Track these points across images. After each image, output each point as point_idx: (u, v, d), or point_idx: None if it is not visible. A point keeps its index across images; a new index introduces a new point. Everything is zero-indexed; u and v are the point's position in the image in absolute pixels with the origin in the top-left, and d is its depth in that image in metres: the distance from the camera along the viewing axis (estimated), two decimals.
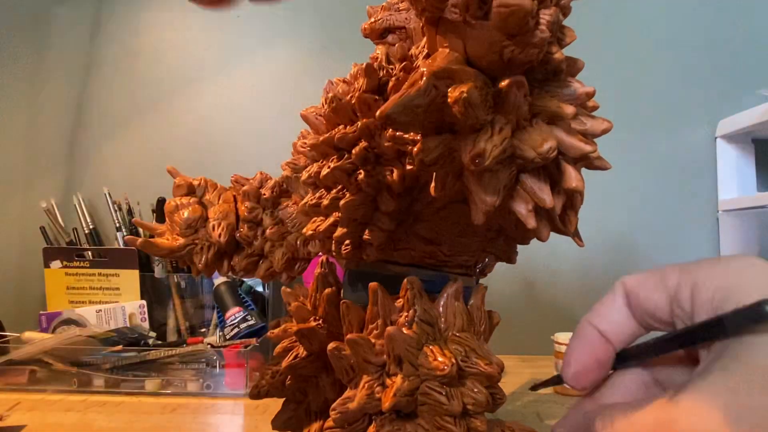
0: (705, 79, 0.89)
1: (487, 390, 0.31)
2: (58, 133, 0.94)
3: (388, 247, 0.34)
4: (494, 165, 0.24)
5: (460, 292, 0.33)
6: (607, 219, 0.89)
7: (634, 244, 0.88)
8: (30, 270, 0.90)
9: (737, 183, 0.85)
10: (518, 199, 0.26)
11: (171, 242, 0.39)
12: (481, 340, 0.33)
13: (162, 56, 0.94)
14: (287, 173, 0.41)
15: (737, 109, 0.82)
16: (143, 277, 0.80)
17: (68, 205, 0.89)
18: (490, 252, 0.36)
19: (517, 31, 0.22)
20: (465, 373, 0.31)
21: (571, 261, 0.88)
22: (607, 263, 0.88)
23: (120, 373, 0.64)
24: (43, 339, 0.67)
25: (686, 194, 0.88)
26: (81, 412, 0.56)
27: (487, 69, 0.24)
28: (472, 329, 0.33)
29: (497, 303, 0.86)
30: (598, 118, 0.28)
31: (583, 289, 0.88)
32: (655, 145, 0.89)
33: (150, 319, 0.79)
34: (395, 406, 0.29)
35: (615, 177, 0.90)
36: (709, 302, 0.20)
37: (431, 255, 0.34)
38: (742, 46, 0.89)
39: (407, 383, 0.29)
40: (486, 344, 0.34)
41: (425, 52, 0.29)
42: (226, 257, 0.39)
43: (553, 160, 0.26)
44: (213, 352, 0.64)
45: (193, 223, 0.38)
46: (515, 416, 0.57)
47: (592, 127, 0.29)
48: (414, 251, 0.34)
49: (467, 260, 0.35)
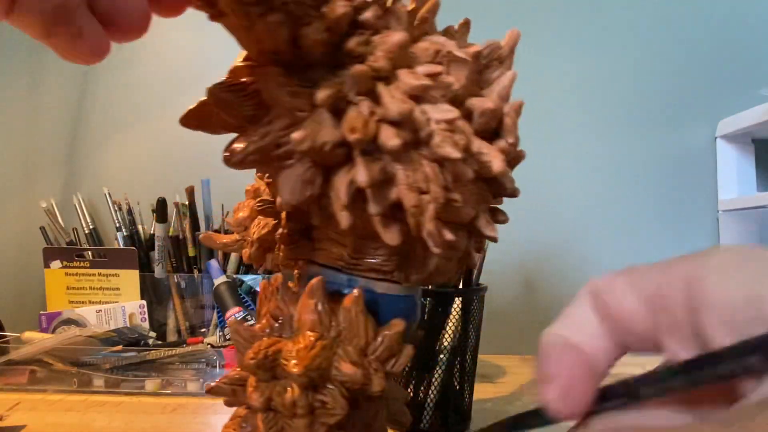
0: (705, 79, 0.89)
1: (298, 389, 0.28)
2: (58, 133, 0.94)
3: (308, 247, 0.34)
4: (259, 159, 0.25)
5: (316, 291, 0.30)
6: (607, 219, 0.89)
7: (635, 243, 0.88)
8: (30, 270, 0.90)
9: (737, 183, 0.85)
10: (332, 198, 0.25)
11: (228, 238, 0.44)
12: (334, 343, 0.30)
13: (163, 56, 0.94)
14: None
15: (737, 109, 0.82)
16: (143, 277, 0.80)
17: (68, 205, 0.89)
18: (402, 256, 0.32)
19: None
20: (277, 370, 0.29)
21: (571, 261, 0.88)
22: (607, 263, 0.88)
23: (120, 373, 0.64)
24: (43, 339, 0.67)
25: (686, 194, 0.88)
26: (81, 412, 0.56)
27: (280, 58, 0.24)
28: (325, 331, 0.30)
29: (498, 303, 0.87)
30: (396, 98, 0.25)
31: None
32: (655, 145, 0.89)
33: (150, 319, 0.79)
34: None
35: (615, 177, 0.90)
36: (729, 308, 0.14)
37: (339, 257, 0.32)
38: (742, 46, 0.89)
39: (238, 375, 0.31)
40: (351, 347, 0.29)
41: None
42: (269, 252, 0.42)
43: (348, 153, 0.25)
44: (213, 352, 0.65)
45: (243, 222, 0.42)
46: None
47: (389, 111, 0.24)
48: (328, 252, 0.33)
49: (382, 264, 0.32)
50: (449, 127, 0.25)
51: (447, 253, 0.31)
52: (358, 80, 0.25)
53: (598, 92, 0.89)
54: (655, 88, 0.89)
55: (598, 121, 0.89)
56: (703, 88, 0.89)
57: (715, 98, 0.89)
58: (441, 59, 0.27)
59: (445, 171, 0.26)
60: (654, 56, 0.89)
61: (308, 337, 0.28)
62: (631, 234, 0.88)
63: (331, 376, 0.28)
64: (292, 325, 0.31)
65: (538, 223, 0.89)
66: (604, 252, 0.88)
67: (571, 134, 0.89)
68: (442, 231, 0.26)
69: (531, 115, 0.99)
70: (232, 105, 0.27)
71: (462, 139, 0.26)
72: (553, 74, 0.90)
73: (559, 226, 0.89)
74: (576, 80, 0.89)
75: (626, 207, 0.89)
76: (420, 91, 0.25)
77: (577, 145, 0.89)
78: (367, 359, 0.29)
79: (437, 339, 0.52)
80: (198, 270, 0.82)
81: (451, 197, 0.26)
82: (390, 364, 0.30)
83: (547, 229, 0.89)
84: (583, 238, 0.89)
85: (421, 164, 0.25)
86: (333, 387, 0.28)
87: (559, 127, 0.90)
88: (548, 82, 0.90)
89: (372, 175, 0.24)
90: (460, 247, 0.30)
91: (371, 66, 0.25)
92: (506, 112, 0.30)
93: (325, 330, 0.29)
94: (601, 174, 0.89)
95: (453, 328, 0.52)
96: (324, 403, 0.28)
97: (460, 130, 0.26)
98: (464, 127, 0.26)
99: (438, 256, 0.31)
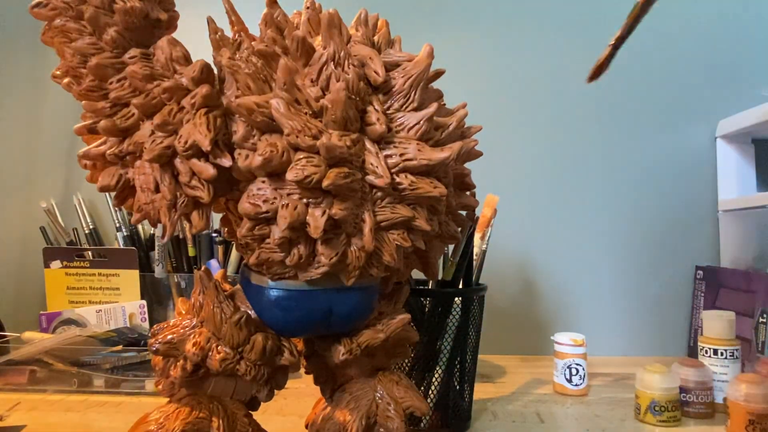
0: (705, 79, 0.89)
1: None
2: (58, 133, 0.94)
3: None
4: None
5: (195, 283, 0.39)
6: (607, 219, 0.89)
7: (635, 244, 0.88)
8: (30, 270, 0.90)
9: (737, 183, 0.85)
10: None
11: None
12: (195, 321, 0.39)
13: None
14: None
15: (737, 109, 0.82)
16: (143, 277, 0.80)
17: (68, 205, 0.89)
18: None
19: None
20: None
21: (571, 261, 0.88)
22: (607, 263, 0.88)
23: (120, 373, 0.64)
24: (43, 339, 0.67)
25: (686, 194, 0.88)
26: (81, 412, 0.56)
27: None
28: (195, 314, 0.39)
29: (498, 303, 0.87)
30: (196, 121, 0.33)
31: (583, 289, 0.88)
32: (655, 145, 0.89)
33: (150, 319, 0.79)
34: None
35: (615, 177, 0.90)
36: None
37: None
38: (742, 46, 0.89)
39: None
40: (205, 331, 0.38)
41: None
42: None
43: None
44: None
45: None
46: (515, 416, 0.57)
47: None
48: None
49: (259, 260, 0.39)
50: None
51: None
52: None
53: (598, 92, 0.89)
54: (655, 88, 0.89)
55: (599, 121, 0.89)
56: (703, 88, 0.89)
57: (715, 98, 0.89)
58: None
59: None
60: (654, 56, 0.89)
61: (177, 319, 0.39)
62: (632, 233, 0.88)
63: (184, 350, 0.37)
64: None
65: (538, 223, 0.89)
66: (604, 252, 0.88)
67: (571, 134, 0.89)
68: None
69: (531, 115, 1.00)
70: None
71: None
72: (553, 74, 0.90)
73: (559, 226, 0.89)
74: (576, 80, 0.89)
75: (626, 206, 0.89)
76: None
77: (577, 145, 0.89)
78: (216, 343, 0.37)
79: (437, 339, 0.52)
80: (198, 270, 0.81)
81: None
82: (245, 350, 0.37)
83: (547, 229, 0.89)
84: (583, 238, 0.88)
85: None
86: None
87: (559, 127, 0.90)
88: (548, 82, 0.90)
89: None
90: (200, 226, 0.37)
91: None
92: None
93: (196, 315, 0.38)
94: (601, 174, 0.88)
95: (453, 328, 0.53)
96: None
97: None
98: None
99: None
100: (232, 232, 0.40)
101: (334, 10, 0.34)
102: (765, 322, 0.67)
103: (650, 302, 0.88)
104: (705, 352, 0.59)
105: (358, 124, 0.33)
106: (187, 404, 0.38)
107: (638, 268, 0.88)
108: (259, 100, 0.32)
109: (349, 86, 0.33)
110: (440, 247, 0.42)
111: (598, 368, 0.76)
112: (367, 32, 0.37)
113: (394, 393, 0.40)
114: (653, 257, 0.88)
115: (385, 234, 0.35)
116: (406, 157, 0.34)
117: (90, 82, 0.33)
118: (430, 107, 0.34)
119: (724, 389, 0.57)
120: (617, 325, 0.88)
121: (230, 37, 0.37)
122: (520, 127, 0.90)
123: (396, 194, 0.34)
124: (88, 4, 0.32)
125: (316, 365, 0.43)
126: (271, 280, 0.37)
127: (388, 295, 0.42)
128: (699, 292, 0.84)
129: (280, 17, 0.36)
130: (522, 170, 0.90)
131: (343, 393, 0.41)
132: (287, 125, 0.32)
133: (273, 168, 0.32)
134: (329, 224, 0.32)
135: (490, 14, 0.91)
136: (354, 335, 0.39)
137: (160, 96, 0.33)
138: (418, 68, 0.35)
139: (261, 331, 0.38)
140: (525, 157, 0.90)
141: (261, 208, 0.33)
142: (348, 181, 0.32)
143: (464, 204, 0.42)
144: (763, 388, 0.50)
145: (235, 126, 0.33)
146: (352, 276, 0.35)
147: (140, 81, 0.33)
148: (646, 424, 0.55)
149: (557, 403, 0.62)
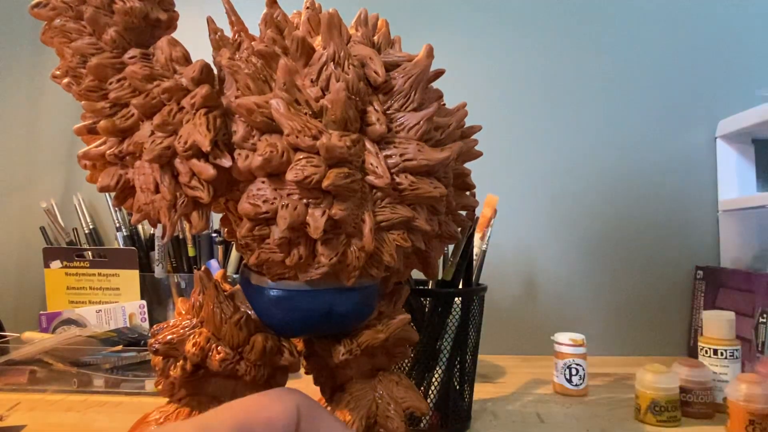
0: (705, 79, 0.89)
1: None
2: (58, 133, 0.94)
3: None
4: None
5: (195, 282, 0.39)
6: (607, 219, 0.89)
7: (635, 244, 0.88)
8: (30, 270, 0.90)
9: (737, 183, 0.85)
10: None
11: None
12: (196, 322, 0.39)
13: None
14: None
15: (737, 109, 0.82)
16: (143, 277, 0.80)
17: (68, 205, 0.89)
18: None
19: None
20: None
21: (571, 261, 0.88)
22: (607, 263, 0.88)
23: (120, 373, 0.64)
24: (43, 339, 0.67)
25: (686, 194, 0.88)
26: (81, 412, 0.56)
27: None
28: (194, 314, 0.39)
29: (498, 303, 0.87)
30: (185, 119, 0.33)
31: (583, 289, 0.88)
32: (655, 145, 0.89)
33: (150, 319, 0.79)
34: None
35: (615, 176, 0.90)
36: None
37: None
38: (742, 46, 0.89)
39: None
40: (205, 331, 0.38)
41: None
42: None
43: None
44: None
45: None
46: (515, 416, 0.57)
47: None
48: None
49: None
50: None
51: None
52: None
53: (598, 93, 0.89)
54: (656, 89, 0.89)
55: (599, 121, 0.89)
56: (703, 88, 0.89)
57: (715, 98, 0.89)
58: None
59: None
60: (654, 56, 0.89)
61: (177, 320, 0.39)
62: (632, 233, 0.88)
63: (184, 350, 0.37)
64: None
65: (538, 223, 0.89)
66: (603, 251, 0.88)
67: (571, 134, 0.89)
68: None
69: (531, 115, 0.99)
70: None
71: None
72: (554, 74, 0.90)
73: (559, 225, 0.89)
74: (576, 80, 0.89)
75: (626, 206, 0.89)
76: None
77: (577, 145, 0.89)
78: (216, 343, 0.37)
79: (437, 339, 0.52)
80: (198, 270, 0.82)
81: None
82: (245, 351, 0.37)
83: (547, 229, 0.89)
84: (583, 238, 0.88)
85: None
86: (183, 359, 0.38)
87: (559, 127, 0.90)
88: (548, 82, 0.90)
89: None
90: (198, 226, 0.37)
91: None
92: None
93: (196, 315, 0.38)
94: (601, 174, 0.88)
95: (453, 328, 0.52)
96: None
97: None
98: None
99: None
100: (232, 233, 0.40)
101: (333, 10, 0.34)
102: (765, 322, 0.67)
103: (650, 302, 0.88)
104: (705, 352, 0.59)
105: (358, 125, 0.33)
106: (187, 404, 0.38)
107: (638, 268, 0.88)
108: (259, 100, 0.32)
109: (349, 86, 0.33)
110: (440, 247, 0.42)
111: (598, 368, 0.76)
112: (366, 32, 0.37)
113: (394, 393, 0.40)
114: (653, 257, 0.88)
115: (385, 234, 0.35)
116: (406, 157, 0.34)
117: (90, 83, 0.33)
118: (430, 107, 0.34)
119: (724, 389, 0.57)
120: (617, 325, 0.88)
121: (230, 37, 0.37)
122: (519, 127, 0.90)
123: (396, 194, 0.34)
124: (88, 5, 0.32)
125: (316, 365, 0.43)
126: (271, 281, 0.37)
127: (388, 295, 0.42)
128: (699, 292, 0.84)
129: (280, 17, 0.36)
130: (522, 170, 0.90)
131: (343, 393, 0.41)
132: (287, 125, 0.32)
133: (273, 168, 0.32)
134: (329, 225, 0.32)
135: (489, 14, 0.91)
136: (354, 335, 0.39)
137: (160, 96, 0.33)
138: (418, 68, 0.35)
139: (261, 331, 0.38)
140: (525, 157, 0.90)
141: (261, 209, 0.33)
142: (348, 182, 0.32)
143: (464, 204, 0.42)
144: (763, 388, 0.50)
145: (235, 126, 0.33)
146: (352, 276, 0.35)
147: (140, 81, 0.33)
148: (646, 424, 0.55)
149: (557, 403, 0.62)
